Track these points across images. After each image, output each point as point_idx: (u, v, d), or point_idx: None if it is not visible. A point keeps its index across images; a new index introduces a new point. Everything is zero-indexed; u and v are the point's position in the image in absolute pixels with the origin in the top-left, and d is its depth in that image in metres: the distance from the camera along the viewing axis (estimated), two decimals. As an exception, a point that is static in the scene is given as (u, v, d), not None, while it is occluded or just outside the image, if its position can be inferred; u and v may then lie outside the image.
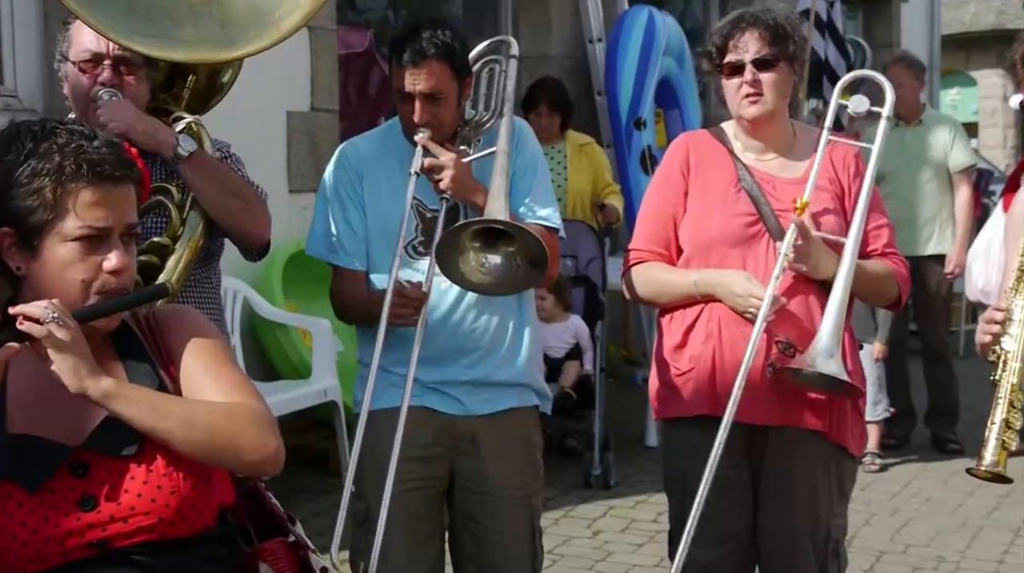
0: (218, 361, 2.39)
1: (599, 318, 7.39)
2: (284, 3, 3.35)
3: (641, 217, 3.92)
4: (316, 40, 7.74)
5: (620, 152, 9.30)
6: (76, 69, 3.45)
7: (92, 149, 2.29)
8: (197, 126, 3.54)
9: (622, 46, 9.28)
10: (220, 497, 2.34)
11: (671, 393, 3.82)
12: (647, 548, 6.07)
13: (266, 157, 7.41)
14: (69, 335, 2.18)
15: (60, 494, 2.22)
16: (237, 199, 3.48)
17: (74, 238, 2.28)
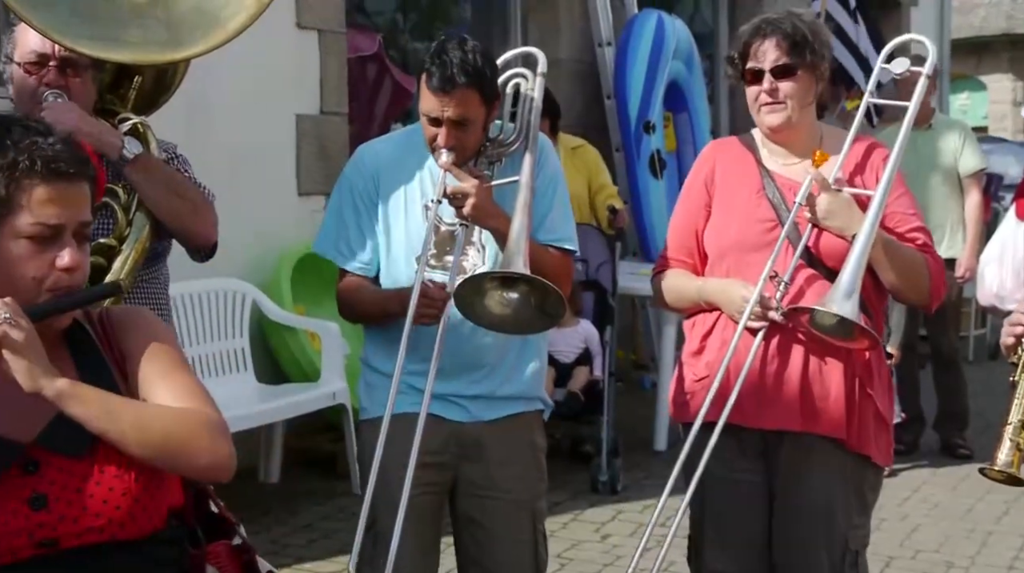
0: (173, 366, 2.38)
1: (609, 323, 7.37)
2: (229, 4, 3.35)
3: (670, 227, 3.90)
4: (325, 43, 7.75)
5: (629, 156, 9.30)
6: (21, 71, 3.44)
7: (47, 146, 2.28)
8: (143, 127, 3.54)
9: (631, 50, 9.28)
10: (170, 499, 2.34)
11: (689, 398, 3.81)
12: (656, 552, 6.01)
13: (275, 160, 7.43)
14: (23, 335, 2.18)
15: (10, 492, 2.21)
16: (183, 200, 3.48)
17: (26, 235, 2.27)
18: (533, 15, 9.72)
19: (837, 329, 3.54)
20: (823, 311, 3.51)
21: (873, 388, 3.69)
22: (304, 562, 5.80)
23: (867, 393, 3.68)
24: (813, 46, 3.68)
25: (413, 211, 3.70)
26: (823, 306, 3.51)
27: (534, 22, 9.71)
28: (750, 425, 3.68)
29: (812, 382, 3.65)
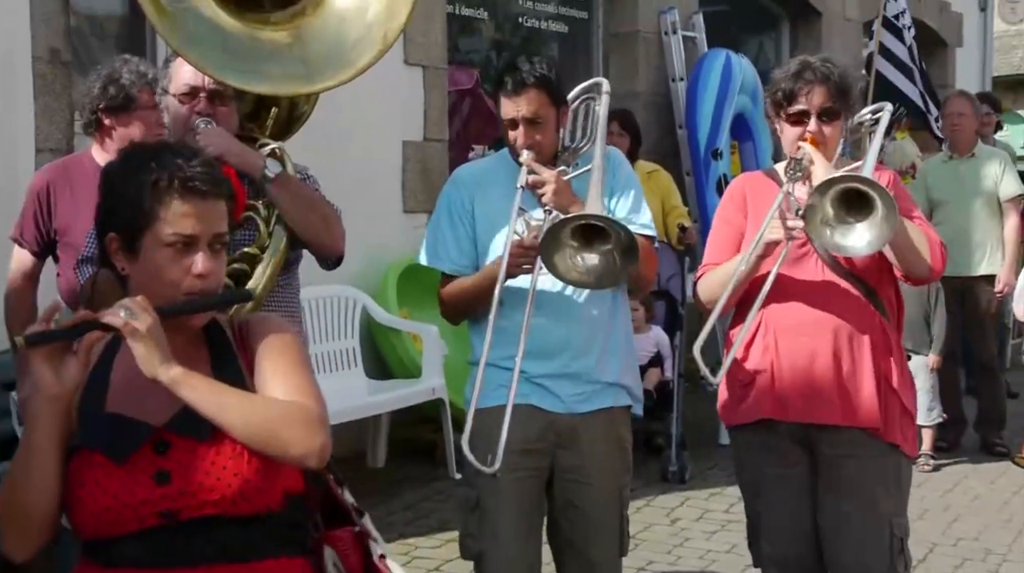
0: (290, 365, 2.39)
1: (678, 329, 7.35)
2: (359, 44, 3.38)
3: (708, 244, 3.89)
4: (429, 78, 7.81)
5: (699, 179, 9.28)
6: (176, 101, 3.49)
7: (187, 167, 2.33)
8: (280, 151, 3.57)
9: (701, 85, 9.26)
10: (286, 484, 2.34)
11: (736, 403, 3.79)
12: (719, 535, 6.02)
13: (384, 181, 7.49)
14: (145, 327, 2.22)
15: (141, 467, 2.25)
16: (316, 215, 3.51)
17: (166, 243, 2.31)
18: (614, 54, 9.71)
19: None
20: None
21: (898, 384, 3.67)
22: (407, 538, 5.86)
23: (893, 388, 3.66)
24: (852, 92, 3.66)
25: (504, 216, 3.70)
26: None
27: (615, 60, 9.70)
28: (795, 420, 3.66)
29: (846, 379, 3.64)
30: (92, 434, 2.29)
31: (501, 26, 9.34)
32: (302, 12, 3.44)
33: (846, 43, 11.59)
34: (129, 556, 2.26)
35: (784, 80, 3.67)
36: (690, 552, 5.81)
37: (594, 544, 3.78)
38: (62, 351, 2.26)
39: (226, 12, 3.33)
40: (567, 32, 9.63)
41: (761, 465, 3.73)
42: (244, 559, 2.27)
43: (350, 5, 3.41)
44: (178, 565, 2.25)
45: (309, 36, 3.40)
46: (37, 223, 4.22)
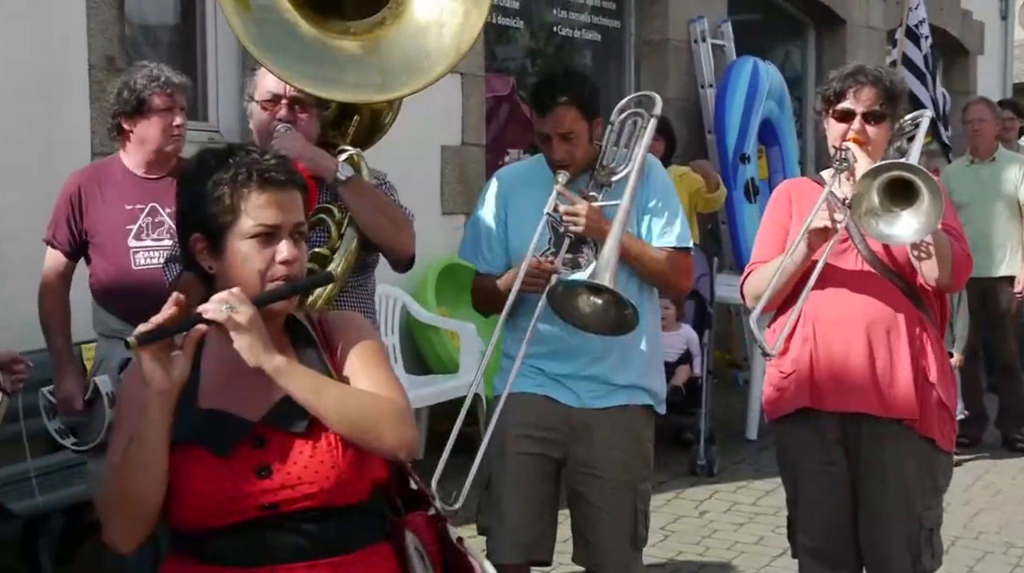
0: (375, 360, 2.38)
1: (707, 327, 7.33)
2: (434, 54, 3.40)
3: (756, 244, 3.86)
4: (467, 84, 7.79)
5: (727, 183, 9.19)
6: (259, 107, 3.52)
7: (262, 161, 2.33)
8: (358, 157, 3.58)
9: (730, 91, 9.24)
10: (374, 473, 2.34)
11: (778, 394, 3.77)
12: (747, 527, 5.99)
13: (423, 184, 7.47)
14: (246, 318, 2.20)
15: (242, 461, 2.24)
16: (386, 218, 3.50)
17: (250, 235, 2.30)
18: (645, 61, 9.68)
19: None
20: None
21: (935, 378, 3.63)
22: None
23: (930, 382, 3.62)
24: (901, 102, 3.63)
25: (533, 220, 3.74)
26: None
27: (646, 67, 9.67)
28: (833, 409, 3.62)
29: (883, 371, 3.61)
30: (192, 429, 2.27)
31: (536, 34, 9.33)
32: (381, 23, 3.46)
33: (870, 51, 11.50)
34: (223, 551, 2.25)
35: (836, 79, 3.67)
36: (718, 543, 5.77)
37: (601, 536, 3.79)
38: (168, 347, 2.23)
39: (307, 22, 3.36)
40: (600, 40, 9.61)
41: (801, 459, 3.72)
42: (336, 552, 2.26)
43: (428, 17, 3.43)
44: (269, 562, 2.23)
45: (386, 46, 3.43)
46: (69, 225, 4.25)
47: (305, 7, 3.40)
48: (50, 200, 5.28)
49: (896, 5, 11.17)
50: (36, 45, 5.32)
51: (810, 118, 11.00)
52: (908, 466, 3.63)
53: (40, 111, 5.31)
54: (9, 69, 5.21)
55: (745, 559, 5.54)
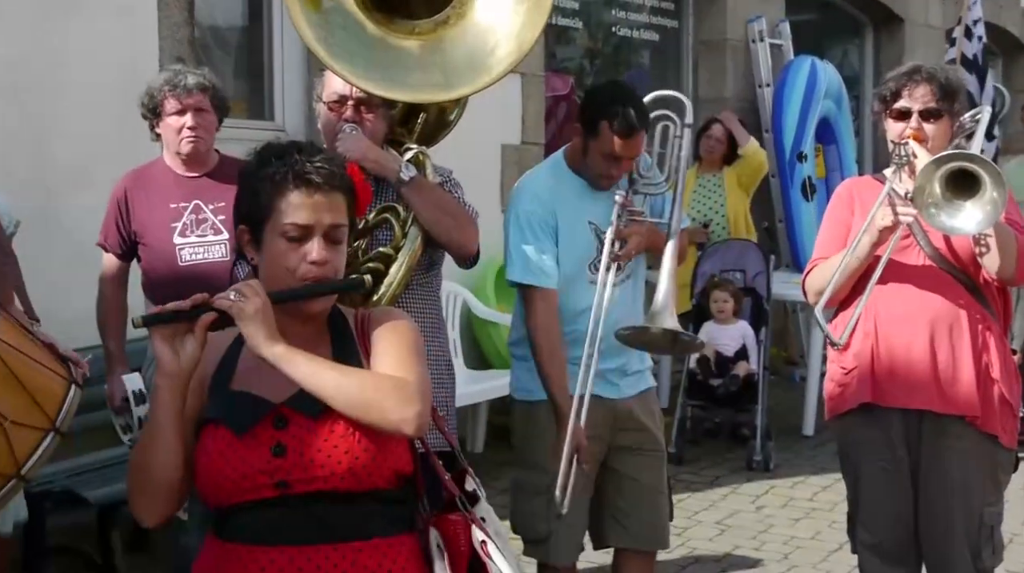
0: (395, 345, 2.38)
1: (764, 324, 7.30)
2: (495, 53, 3.40)
3: (817, 241, 3.83)
4: (527, 84, 7.81)
5: (784, 181, 9.19)
6: (327, 108, 3.54)
7: (308, 162, 2.35)
8: (423, 155, 3.59)
9: (787, 90, 9.18)
10: (396, 464, 2.33)
11: (841, 390, 3.73)
12: (804, 523, 5.95)
13: (483, 182, 7.49)
14: (252, 307, 2.25)
15: (261, 440, 2.27)
16: (449, 217, 3.51)
17: (283, 233, 2.34)
18: (703, 60, 9.65)
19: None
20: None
21: (998, 374, 3.59)
22: (503, 519, 5.84)
23: (992, 378, 3.58)
24: (959, 97, 3.58)
25: (580, 229, 3.80)
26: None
27: (703, 66, 9.64)
28: (894, 405, 3.60)
29: (944, 367, 3.58)
30: (218, 409, 2.33)
31: (595, 35, 9.34)
32: (445, 22, 3.47)
33: (928, 49, 11.37)
34: (244, 529, 2.28)
35: (892, 79, 3.66)
36: (775, 538, 5.74)
37: (649, 509, 3.89)
38: (182, 332, 2.29)
39: (372, 23, 3.38)
40: (658, 40, 9.59)
41: (862, 455, 3.70)
42: (349, 537, 2.28)
43: (491, 16, 3.43)
44: (282, 542, 2.26)
45: (450, 45, 3.43)
46: (118, 228, 4.31)
47: (371, 9, 3.43)
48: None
49: (954, 3, 11.05)
50: (109, 47, 5.41)
51: (867, 117, 10.89)
52: (970, 463, 3.59)
53: (113, 111, 5.38)
54: (84, 70, 5.30)
55: (801, 554, 5.51)
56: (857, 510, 3.80)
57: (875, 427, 3.65)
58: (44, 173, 5.12)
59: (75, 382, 3.41)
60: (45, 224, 4.90)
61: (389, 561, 2.30)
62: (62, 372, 3.41)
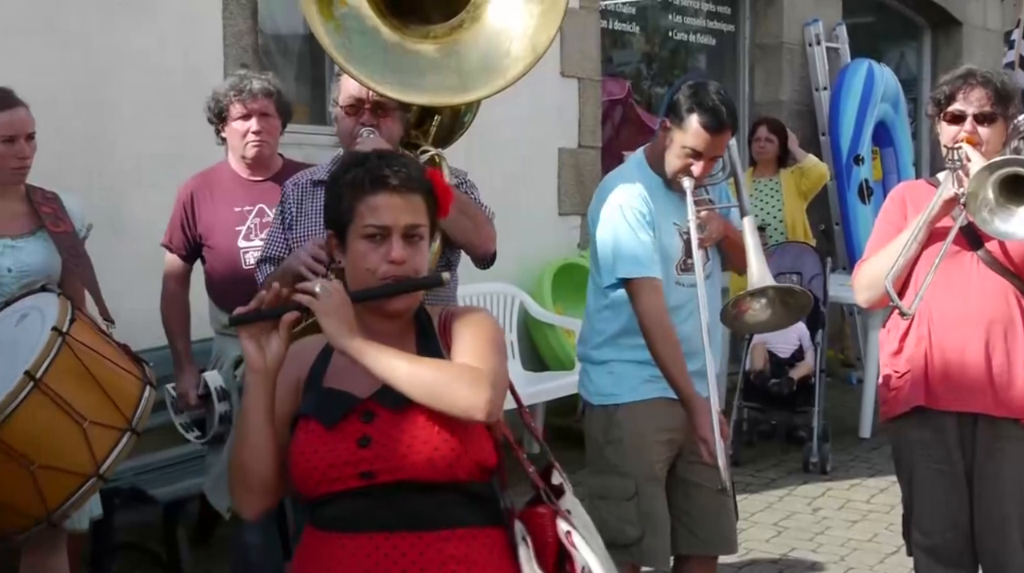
0: (474, 337, 2.43)
1: (820, 326, 7.22)
2: (509, 55, 3.38)
3: (869, 243, 3.80)
4: (583, 89, 7.81)
5: (840, 184, 9.14)
6: (343, 112, 3.53)
7: (385, 166, 2.42)
8: (439, 157, 3.57)
9: (844, 93, 9.13)
10: (478, 456, 2.36)
11: (893, 394, 3.70)
12: (861, 525, 5.89)
13: (540, 185, 7.51)
14: (331, 305, 2.32)
15: (348, 433, 2.33)
16: (467, 218, 3.48)
17: (363, 235, 2.40)
18: (759, 64, 9.60)
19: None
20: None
21: None
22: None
23: None
24: (1013, 102, 3.54)
25: (667, 229, 3.77)
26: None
27: (760, 70, 9.59)
28: (948, 408, 3.56)
29: (999, 371, 3.54)
30: (310, 404, 2.40)
31: (651, 39, 9.32)
32: (459, 26, 3.46)
33: (986, 52, 11.23)
34: (334, 517, 2.35)
35: (947, 82, 3.63)
36: (831, 540, 5.69)
37: (715, 516, 3.83)
38: (267, 331, 2.37)
39: (388, 28, 3.38)
40: (714, 44, 9.55)
41: (916, 457, 3.66)
42: (434, 526, 2.32)
43: (505, 20, 3.42)
44: (374, 530, 2.31)
45: (465, 49, 3.43)
46: (184, 229, 4.34)
47: (386, 14, 3.43)
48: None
49: (1013, 6, 10.91)
50: (176, 54, 5.48)
51: (924, 120, 10.77)
52: None
53: (176, 117, 5.46)
54: (149, 76, 5.37)
55: (858, 556, 5.46)
56: (912, 512, 3.76)
57: (929, 429, 3.62)
58: (108, 177, 5.20)
59: (149, 383, 3.47)
60: (109, 227, 4.96)
61: (473, 551, 2.34)
62: (136, 373, 3.47)
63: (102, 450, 3.27)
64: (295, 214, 3.51)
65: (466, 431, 2.33)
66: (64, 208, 4.00)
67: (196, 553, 5.15)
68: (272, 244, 3.56)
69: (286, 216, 3.54)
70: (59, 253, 3.89)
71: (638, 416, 3.74)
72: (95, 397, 3.28)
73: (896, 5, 11.26)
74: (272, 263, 3.51)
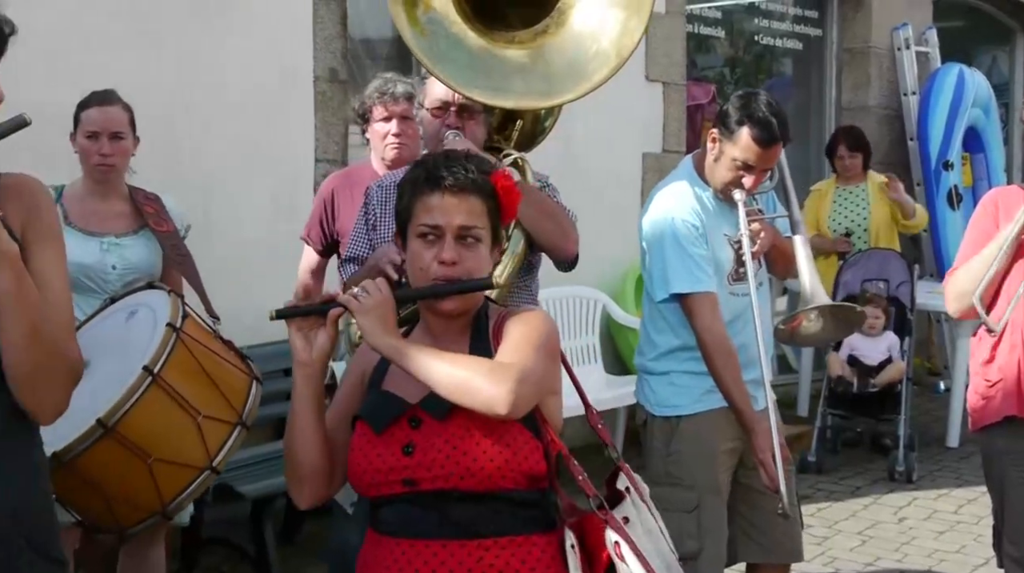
0: (517, 335, 2.38)
1: (907, 334, 7.13)
2: (596, 59, 3.37)
3: (961, 247, 3.74)
4: (668, 94, 7.78)
5: (929, 190, 9.00)
6: (429, 115, 3.55)
7: (443, 166, 2.40)
8: (522, 161, 3.57)
9: (933, 98, 8.99)
10: (523, 466, 2.31)
11: (984, 403, 3.64)
12: (948, 536, 5.79)
13: (624, 190, 7.49)
14: (371, 303, 2.32)
15: (396, 438, 2.32)
16: (551, 221, 3.48)
17: (417, 235, 2.39)
18: (847, 68, 9.47)
19: None
20: None
21: None
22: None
23: None
24: None
25: (719, 240, 3.73)
26: None
27: (848, 74, 9.47)
28: None
29: None
30: (366, 406, 2.41)
31: (736, 43, 9.25)
32: (544, 31, 3.47)
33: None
34: (384, 521, 2.36)
35: None
36: (917, 550, 5.60)
37: (781, 522, 3.72)
38: (315, 326, 2.37)
39: (474, 33, 3.40)
40: (801, 49, 9.45)
41: (1008, 469, 3.60)
42: (478, 535, 2.29)
43: (589, 24, 3.42)
44: (418, 536, 2.30)
45: (550, 53, 3.43)
46: (322, 225, 4.37)
47: (472, 20, 3.45)
48: (277, 200, 5.54)
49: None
50: (269, 59, 5.57)
51: (1017, 125, 10.59)
52: None
53: (271, 118, 5.55)
54: (242, 81, 5.46)
55: (945, 568, 5.36)
56: (1003, 524, 3.69)
57: (1021, 439, 3.55)
58: (198, 178, 5.29)
59: (256, 378, 3.53)
60: (204, 226, 5.05)
61: (517, 560, 2.31)
62: (244, 368, 3.53)
63: (215, 444, 3.31)
64: (379, 214, 3.54)
65: (511, 439, 2.29)
66: (165, 208, 4.09)
67: (283, 550, 5.22)
68: (356, 244, 3.60)
69: (370, 217, 3.57)
70: (162, 251, 3.98)
71: (701, 427, 3.69)
72: (207, 391, 3.33)
73: (988, 8, 11.05)
74: (356, 263, 3.54)
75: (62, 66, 4.75)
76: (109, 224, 3.99)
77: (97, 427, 3.11)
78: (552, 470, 2.38)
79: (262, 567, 5.01)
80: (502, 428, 2.28)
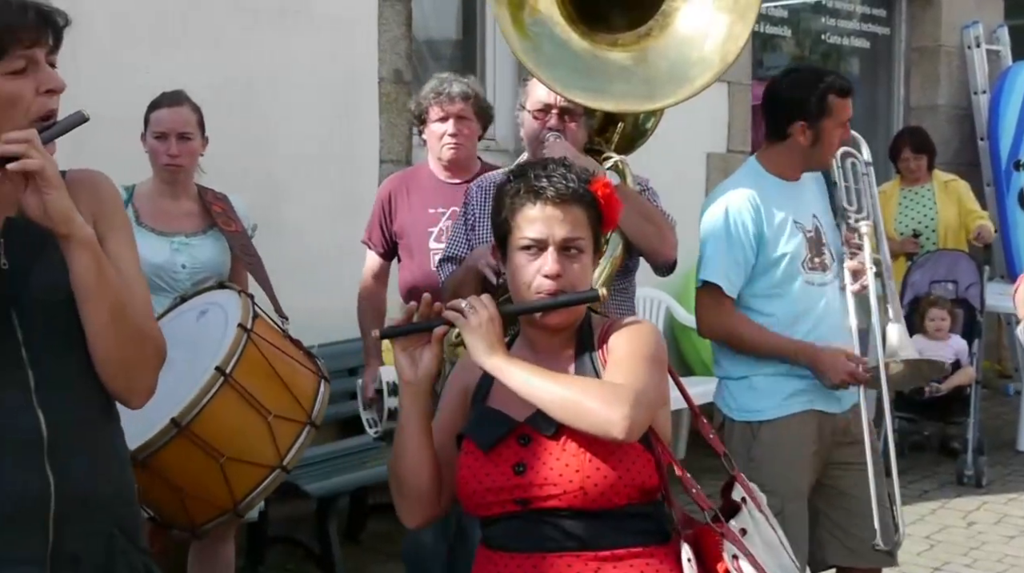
0: (627, 352, 2.33)
1: (977, 336, 7.02)
2: (699, 63, 3.36)
3: None
4: (733, 93, 7.74)
5: (999, 190, 8.86)
6: (531, 117, 3.55)
7: (544, 176, 2.35)
8: (622, 164, 3.56)
9: (1005, 97, 8.86)
10: (635, 480, 2.27)
11: None
12: (1018, 541, 5.69)
13: (688, 190, 7.43)
14: (477, 320, 2.27)
15: (504, 457, 2.29)
16: (650, 224, 3.47)
17: (519, 247, 2.36)
18: (916, 67, 9.36)
19: None
20: None
21: None
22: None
23: None
24: None
25: (789, 229, 3.68)
26: None
27: (916, 73, 9.36)
28: None
29: None
30: (471, 424, 2.37)
31: (802, 42, 9.16)
32: (648, 34, 3.46)
33: None
34: (497, 538, 2.33)
35: None
36: (987, 555, 5.51)
37: (868, 524, 3.68)
38: (420, 343, 2.34)
39: (577, 35, 3.39)
40: (868, 48, 9.35)
41: None
42: (593, 547, 2.26)
43: (694, 27, 3.40)
44: (531, 550, 2.27)
45: (653, 57, 3.42)
46: (381, 228, 4.38)
47: (575, 22, 3.44)
48: (342, 200, 5.57)
49: None
50: (335, 61, 5.61)
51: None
52: None
53: (337, 120, 5.59)
54: (307, 82, 5.50)
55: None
56: None
57: None
58: (267, 178, 5.33)
59: (324, 377, 3.56)
60: (270, 226, 5.10)
61: (634, 572, 2.28)
62: (312, 367, 3.56)
63: (285, 443, 3.34)
64: (478, 215, 3.55)
65: (623, 454, 2.25)
66: (233, 208, 4.13)
67: (347, 548, 5.25)
68: (454, 243, 3.62)
69: (469, 217, 3.59)
70: (231, 251, 4.02)
71: (783, 432, 3.64)
72: (277, 391, 3.36)
73: (1061, 5, 10.87)
74: (453, 262, 3.56)
75: (129, 66, 4.82)
76: (179, 223, 4.04)
77: (171, 426, 3.15)
78: (665, 481, 2.35)
79: (326, 565, 5.04)
80: (613, 444, 2.24)
